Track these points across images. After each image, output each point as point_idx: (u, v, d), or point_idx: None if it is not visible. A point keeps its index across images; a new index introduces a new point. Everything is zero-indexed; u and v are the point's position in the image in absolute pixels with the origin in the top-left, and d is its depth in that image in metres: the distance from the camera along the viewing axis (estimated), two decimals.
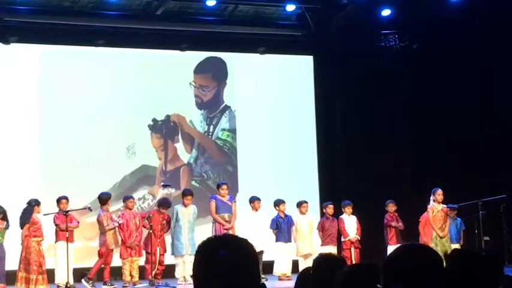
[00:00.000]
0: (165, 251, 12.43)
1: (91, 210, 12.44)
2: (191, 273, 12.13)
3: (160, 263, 12.37)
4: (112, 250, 12.23)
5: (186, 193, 12.59)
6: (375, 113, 15.04)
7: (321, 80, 15.56)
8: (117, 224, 12.18)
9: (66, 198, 12.15)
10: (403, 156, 14.71)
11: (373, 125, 15.03)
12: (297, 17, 15.38)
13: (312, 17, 15.10)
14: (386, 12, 14.72)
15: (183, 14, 14.72)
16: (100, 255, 12.14)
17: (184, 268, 12.32)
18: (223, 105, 15.07)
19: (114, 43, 14.33)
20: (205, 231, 13.00)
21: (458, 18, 14.00)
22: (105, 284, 12.22)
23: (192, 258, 12.05)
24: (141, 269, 12.41)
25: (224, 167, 14.86)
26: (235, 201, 12.80)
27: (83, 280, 11.99)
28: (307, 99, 15.49)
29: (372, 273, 3.22)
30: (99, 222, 12.19)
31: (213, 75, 15.07)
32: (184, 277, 12.29)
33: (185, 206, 12.41)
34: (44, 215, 11.80)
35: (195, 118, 14.91)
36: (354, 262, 11.88)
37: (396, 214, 13.44)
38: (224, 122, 14.99)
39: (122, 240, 12.20)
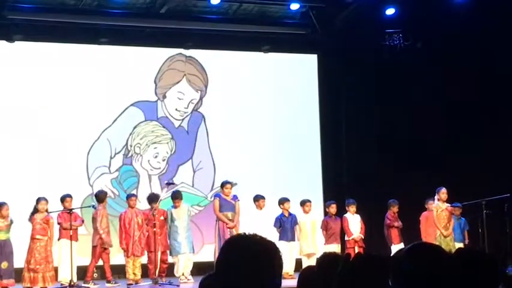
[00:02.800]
0: (166, 248, 12.46)
1: (95, 209, 12.47)
2: (189, 270, 12.29)
3: (164, 261, 12.39)
4: (107, 249, 12.27)
5: (175, 196, 12.66)
6: (379, 112, 15.03)
7: (325, 78, 15.56)
8: (102, 232, 12.18)
9: (70, 196, 12.22)
10: (406, 155, 14.68)
11: (377, 124, 15.01)
12: (301, 16, 15.37)
13: (316, 15, 15.08)
14: (390, 11, 14.69)
15: (187, 13, 14.71)
16: (92, 253, 12.17)
17: (183, 266, 12.39)
18: (227, 103, 15.04)
19: (118, 41, 14.34)
20: (208, 229, 13.03)
21: (463, 17, 13.97)
22: (108, 282, 12.25)
23: (190, 256, 12.27)
24: (144, 267, 12.44)
25: (228, 165, 14.81)
26: (238, 200, 12.80)
27: (83, 284, 12.03)
28: (311, 97, 15.48)
29: (376, 265, 3.21)
30: (93, 218, 12.24)
31: (216, 74, 15.05)
32: (183, 274, 12.36)
33: (176, 207, 12.52)
34: (49, 213, 11.83)
35: (198, 115, 14.90)
36: None
37: (396, 214, 13.46)
38: (228, 120, 14.96)
39: (120, 239, 12.28)
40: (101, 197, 12.46)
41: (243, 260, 2.38)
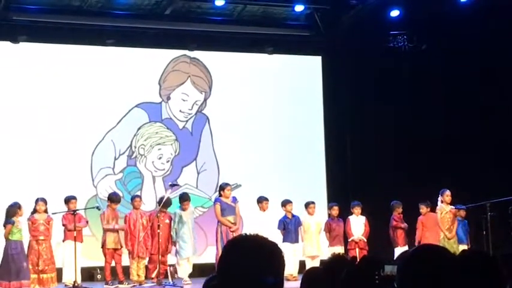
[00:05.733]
0: (166, 251, 12.48)
1: (99, 210, 12.47)
2: (189, 273, 12.30)
3: (163, 262, 12.39)
4: (115, 250, 12.25)
5: (184, 198, 12.66)
6: (383, 113, 15.00)
7: (329, 80, 15.55)
8: (117, 227, 12.19)
9: (74, 198, 12.22)
10: (411, 157, 14.67)
11: (380, 125, 15.00)
12: (305, 17, 15.37)
13: (320, 17, 15.08)
14: (395, 13, 14.69)
15: (192, 14, 14.73)
16: (103, 254, 12.19)
17: (186, 268, 12.45)
18: (231, 104, 15.04)
19: (122, 43, 14.35)
20: (211, 231, 13.01)
21: (468, 19, 13.94)
22: (121, 283, 12.23)
23: (193, 259, 12.25)
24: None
25: (231, 166, 14.81)
26: (238, 202, 12.77)
27: (104, 285, 12.07)
28: (315, 99, 15.48)
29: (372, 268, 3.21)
30: (101, 220, 12.27)
31: (221, 75, 15.05)
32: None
33: (185, 210, 12.54)
34: (52, 214, 11.84)
35: (202, 117, 14.90)
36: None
37: (401, 215, 13.46)
38: (232, 122, 14.96)
39: (125, 241, 12.29)
40: (112, 199, 12.46)
41: (245, 260, 2.38)
